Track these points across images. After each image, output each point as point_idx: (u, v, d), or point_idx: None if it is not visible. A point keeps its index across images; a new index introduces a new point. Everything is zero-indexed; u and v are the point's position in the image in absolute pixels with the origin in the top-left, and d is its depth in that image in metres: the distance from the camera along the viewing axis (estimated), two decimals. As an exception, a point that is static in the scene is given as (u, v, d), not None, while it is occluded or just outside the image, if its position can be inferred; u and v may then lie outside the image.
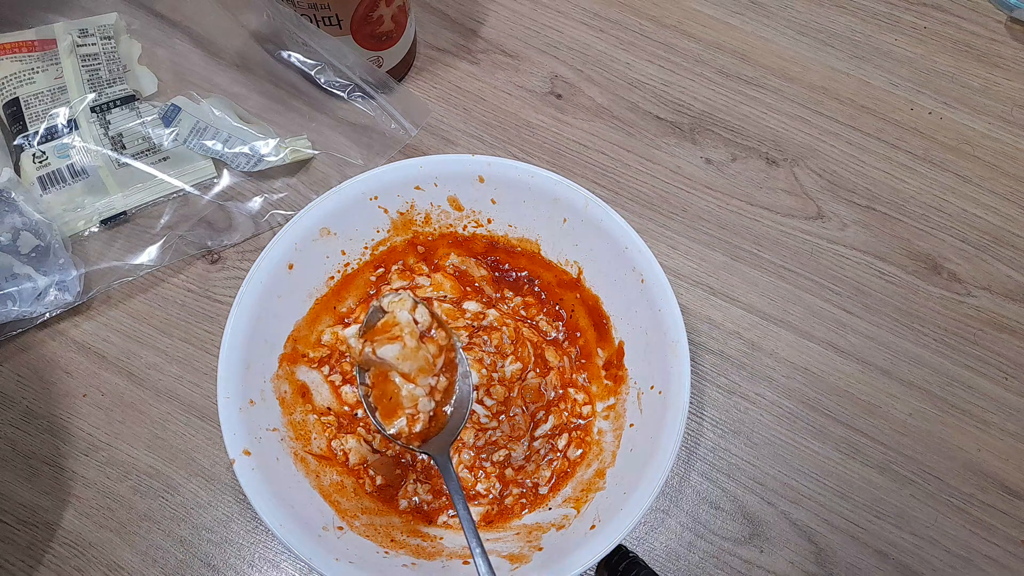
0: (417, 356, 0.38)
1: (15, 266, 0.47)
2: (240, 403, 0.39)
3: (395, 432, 0.38)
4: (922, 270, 0.54)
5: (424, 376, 0.38)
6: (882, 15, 0.64)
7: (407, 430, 0.38)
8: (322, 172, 0.55)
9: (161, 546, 0.44)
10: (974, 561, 0.46)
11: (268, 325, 0.42)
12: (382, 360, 0.37)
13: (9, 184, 0.49)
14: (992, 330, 0.52)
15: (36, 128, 0.51)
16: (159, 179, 0.52)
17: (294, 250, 0.43)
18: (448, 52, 0.60)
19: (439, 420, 0.39)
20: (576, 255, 0.46)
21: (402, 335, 0.38)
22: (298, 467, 0.40)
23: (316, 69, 0.54)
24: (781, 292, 0.53)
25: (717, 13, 0.63)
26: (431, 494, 0.43)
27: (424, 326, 0.39)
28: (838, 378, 0.50)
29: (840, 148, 0.58)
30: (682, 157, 0.57)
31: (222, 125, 0.53)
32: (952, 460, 0.48)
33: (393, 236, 0.47)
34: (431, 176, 0.45)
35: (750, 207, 0.55)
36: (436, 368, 0.39)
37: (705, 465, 0.47)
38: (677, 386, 0.39)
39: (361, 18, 0.50)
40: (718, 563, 0.45)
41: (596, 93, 0.59)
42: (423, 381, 0.38)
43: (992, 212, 0.56)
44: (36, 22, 0.56)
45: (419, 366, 0.38)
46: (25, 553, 0.43)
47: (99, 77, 0.53)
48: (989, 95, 0.61)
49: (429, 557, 0.39)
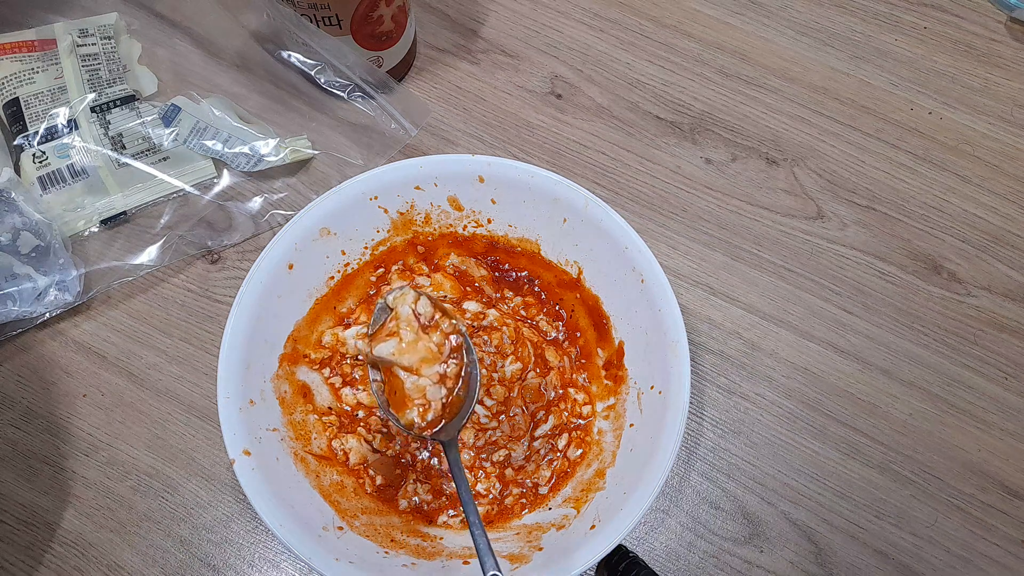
0: (417, 348, 0.38)
1: (15, 266, 0.47)
2: (240, 403, 0.39)
3: (407, 422, 0.38)
4: (922, 270, 0.54)
5: (430, 365, 0.38)
6: (882, 15, 0.64)
7: (420, 420, 0.38)
8: (322, 172, 0.55)
9: (161, 546, 0.44)
10: (974, 561, 0.46)
11: (268, 325, 0.42)
12: (381, 357, 0.37)
13: (9, 184, 0.49)
14: (992, 330, 0.52)
15: (36, 128, 0.51)
16: (159, 179, 0.52)
17: (294, 250, 0.43)
18: (448, 52, 0.60)
19: (454, 405, 0.40)
20: (576, 255, 0.46)
21: (398, 330, 0.38)
22: (298, 467, 0.40)
23: (316, 69, 0.54)
24: (781, 292, 0.53)
25: (717, 13, 0.63)
26: (431, 494, 0.43)
27: (427, 317, 0.39)
28: (838, 378, 0.50)
29: (840, 148, 0.58)
30: (682, 157, 0.57)
31: (222, 125, 0.53)
32: (952, 460, 0.48)
33: (393, 236, 0.47)
34: (431, 176, 0.45)
35: (750, 207, 0.55)
36: (443, 355, 0.39)
37: (705, 465, 0.47)
38: (677, 386, 0.39)
39: (361, 18, 0.50)
40: (718, 563, 0.45)
41: (596, 93, 0.59)
42: (429, 371, 0.38)
43: (992, 212, 0.56)
44: (36, 22, 0.56)
45: (421, 357, 0.38)
46: (25, 553, 0.43)
47: (99, 77, 0.53)
48: (989, 95, 0.60)
49: (429, 557, 0.39)
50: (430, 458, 0.44)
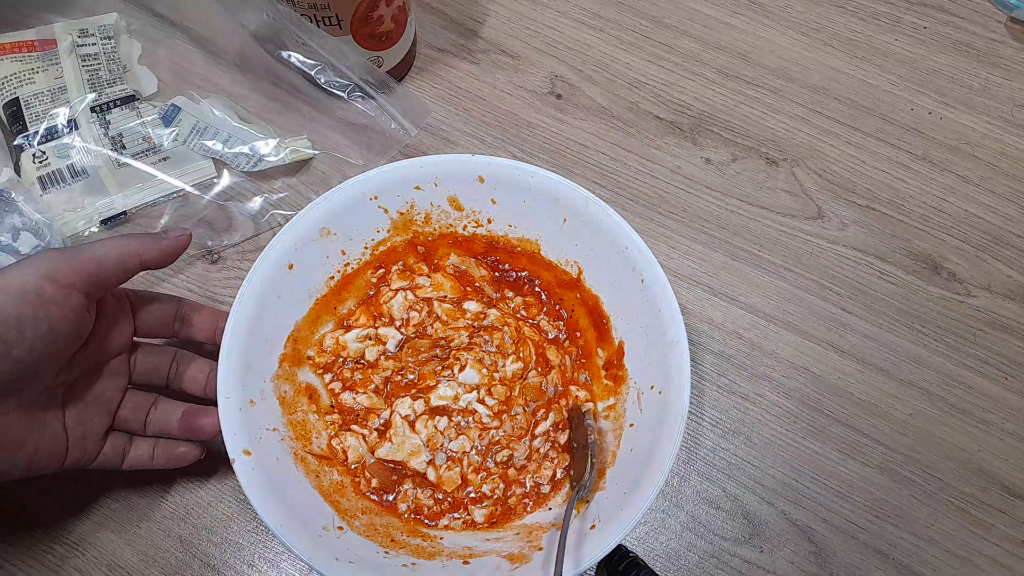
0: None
1: (15, 266, 0.47)
2: (240, 403, 0.39)
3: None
4: (922, 270, 0.54)
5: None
6: (882, 15, 0.64)
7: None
8: (322, 172, 0.55)
9: (161, 546, 0.44)
10: (974, 561, 0.46)
11: (268, 325, 0.42)
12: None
13: (9, 184, 0.49)
14: (992, 330, 0.52)
15: (36, 128, 0.51)
16: (159, 179, 0.52)
17: (294, 250, 0.43)
18: (448, 52, 0.60)
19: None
20: (576, 255, 0.46)
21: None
22: (298, 467, 0.40)
23: (316, 69, 0.54)
24: (781, 292, 0.53)
25: (717, 13, 0.63)
26: (432, 500, 0.43)
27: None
28: (838, 378, 0.50)
29: (840, 148, 0.58)
30: (682, 157, 0.57)
31: (222, 125, 0.53)
32: (952, 460, 0.48)
33: (393, 236, 0.47)
34: (431, 176, 0.45)
35: (750, 207, 0.55)
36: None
37: (705, 465, 0.47)
38: (677, 386, 0.39)
39: (361, 18, 0.50)
40: (718, 563, 0.45)
41: (596, 93, 0.59)
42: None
43: (992, 212, 0.56)
44: (36, 22, 0.56)
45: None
46: (25, 553, 0.43)
47: (99, 77, 0.53)
48: (989, 95, 0.61)
49: (429, 557, 0.39)
50: (428, 464, 0.44)
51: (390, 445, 0.43)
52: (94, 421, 0.38)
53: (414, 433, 0.44)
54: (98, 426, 0.39)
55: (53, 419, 0.36)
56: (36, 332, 0.32)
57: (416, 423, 0.44)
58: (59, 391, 0.37)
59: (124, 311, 0.39)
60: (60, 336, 0.33)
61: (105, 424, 0.39)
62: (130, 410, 0.40)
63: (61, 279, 0.33)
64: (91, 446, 0.38)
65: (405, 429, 0.44)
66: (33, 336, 0.32)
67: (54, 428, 0.36)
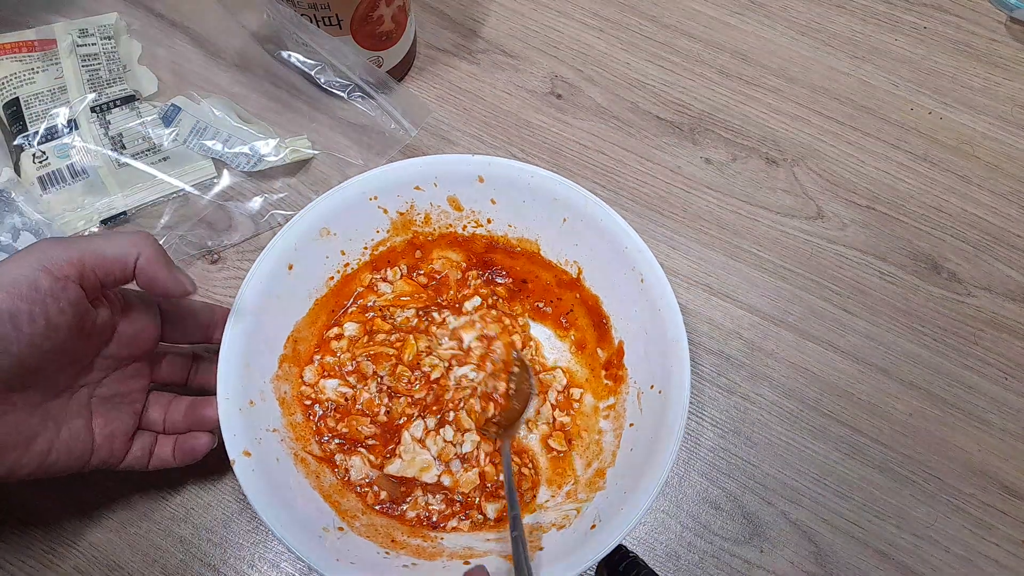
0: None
1: (15, 266, 0.47)
2: (240, 403, 0.39)
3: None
4: (922, 270, 0.54)
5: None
6: (882, 15, 0.64)
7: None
8: (322, 172, 0.55)
9: (161, 546, 0.44)
10: (974, 561, 0.46)
11: (268, 325, 0.42)
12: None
13: (9, 184, 0.49)
14: (992, 330, 0.52)
15: (36, 128, 0.51)
16: (159, 179, 0.52)
17: (294, 250, 0.43)
18: (448, 52, 0.60)
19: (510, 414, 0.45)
20: (576, 255, 0.46)
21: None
22: (298, 468, 0.40)
23: (316, 69, 0.54)
24: (781, 292, 0.53)
25: (717, 13, 0.63)
26: (444, 503, 0.43)
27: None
28: (838, 378, 0.50)
29: (840, 148, 0.58)
30: (682, 157, 0.57)
31: (222, 125, 0.53)
32: (952, 460, 0.48)
33: (393, 236, 0.47)
34: (431, 176, 0.45)
35: (750, 207, 0.55)
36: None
37: (705, 465, 0.47)
38: (677, 386, 0.39)
39: (361, 18, 0.50)
40: (718, 563, 0.45)
41: (596, 93, 0.59)
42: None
43: (992, 212, 0.56)
44: (36, 22, 0.56)
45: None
46: (25, 553, 0.43)
47: (99, 77, 0.53)
48: (989, 95, 0.60)
49: (430, 557, 0.39)
50: (440, 475, 0.44)
51: (400, 462, 0.43)
52: (121, 422, 0.38)
53: (424, 449, 0.44)
54: (126, 427, 0.38)
55: (73, 418, 0.36)
56: (33, 327, 0.32)
57: (426, 440, 0.44)
58: (81, 391, 0.37)
59: (150, 314, 0.39)
60: (60, 330, 0.33)
61: (132, 425, 0.39)
62: (154, 410, 0.40)
63: (58, 271, 0.32)
64: (119, 447, 0.38)
65: (415, 446, 0.44)
66: (31, 331, 0.32)
67: (74, 427, 0.36)
